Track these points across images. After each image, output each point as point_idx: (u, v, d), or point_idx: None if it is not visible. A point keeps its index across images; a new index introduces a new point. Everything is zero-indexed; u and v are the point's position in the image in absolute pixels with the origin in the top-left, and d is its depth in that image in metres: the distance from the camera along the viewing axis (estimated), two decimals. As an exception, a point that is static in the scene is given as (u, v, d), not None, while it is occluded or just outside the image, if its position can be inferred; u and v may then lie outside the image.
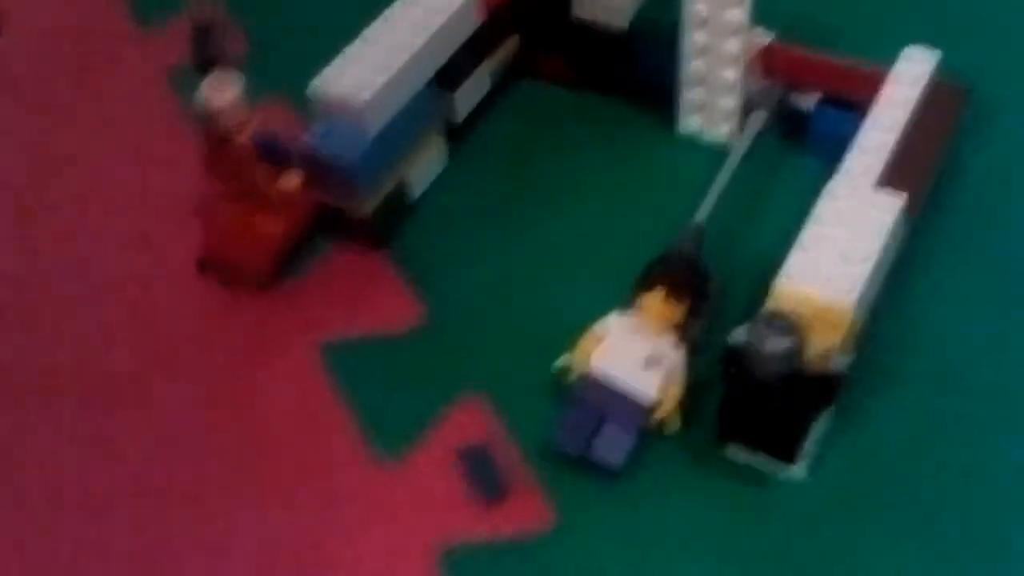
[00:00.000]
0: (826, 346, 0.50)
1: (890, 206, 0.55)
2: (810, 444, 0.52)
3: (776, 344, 0.47)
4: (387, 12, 0.66)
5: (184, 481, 0.56)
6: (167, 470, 0.57)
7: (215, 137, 0.60)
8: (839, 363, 0.50)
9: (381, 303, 0.62)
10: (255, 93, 0.61)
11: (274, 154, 0.62)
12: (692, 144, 0.69)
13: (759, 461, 0.53)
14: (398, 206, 0.66)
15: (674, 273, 0.55)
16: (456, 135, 0.70)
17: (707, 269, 0.56)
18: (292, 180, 0.61)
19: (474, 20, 0.68)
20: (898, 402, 0.55)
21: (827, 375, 0.49)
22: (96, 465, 0.57)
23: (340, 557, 0.52)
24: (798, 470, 0.53)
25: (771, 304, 0.51)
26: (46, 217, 0.70)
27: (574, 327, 0.56)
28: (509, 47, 0.73)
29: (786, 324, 0.48)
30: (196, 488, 0.56)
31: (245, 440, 0.57)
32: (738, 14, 0.63)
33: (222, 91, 0.59)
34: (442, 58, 0.66)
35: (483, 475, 0.54)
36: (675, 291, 0.54)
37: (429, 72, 0.66)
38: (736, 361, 0.49)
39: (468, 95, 0.70)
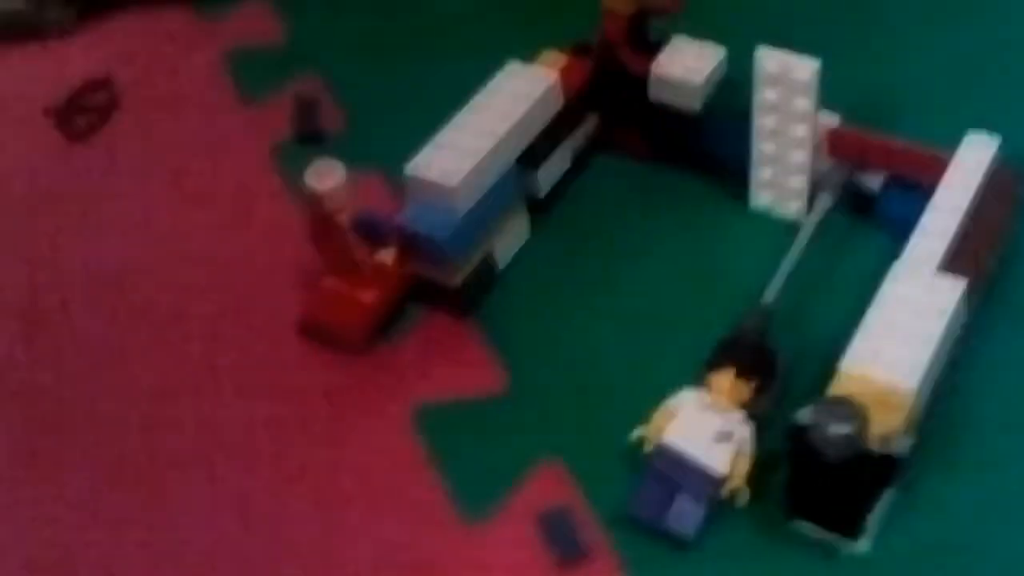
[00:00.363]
0: (888, 428, 0.53)
1: (952, 290, 0.58)
2: (874, 521, 0.55)
3: (839, 428, 0.50)
4: (475, 100, 0.71)
5: (274, 534, 0.61)
6: (260, 521, 0.61)
7: (319, 217, 0.66)
8: (901, 445, 0.53)
9: (467, 369, 0.67)
10: (352, 166, 0.66)
11: (372, 231, 0.67)
12: (763, 219, 0.73)
13: (825, 535, 0.56)
14: (485, 277, 0.70)
15: (743, 355, 0.59)
16: (539, 209, 0.74)
17: (775, 349, 0.60)
18: (388, 254, 0.66)
19: (556, 103, 0.73)
20: (961, 482, 0.58)
21: (889, 456, 0.52)
22: (187, 514, 0.62)
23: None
24: (862, 546, 0.56)
25: (835, 388, 0.54)
26: (153, 280, 0.75)
27: (649, 397, 0.60)
28: (589, 126, 0.77)
29: (849, 409, 0.51)
30: (286, 542, 0.60)
31: (336, 497, 0.62)
32: (805, 102, 0.67)
33: (326, 176, 0.65)
34: (526, 140, 0.71)
35: (563, 537, 0.58)
36: (744, 372, 0.58)
37: (514, 154, 0.71)
38: (801, 442, 0.52)
39: (550, 172, 0.75)
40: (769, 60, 0.67)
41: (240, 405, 0.67)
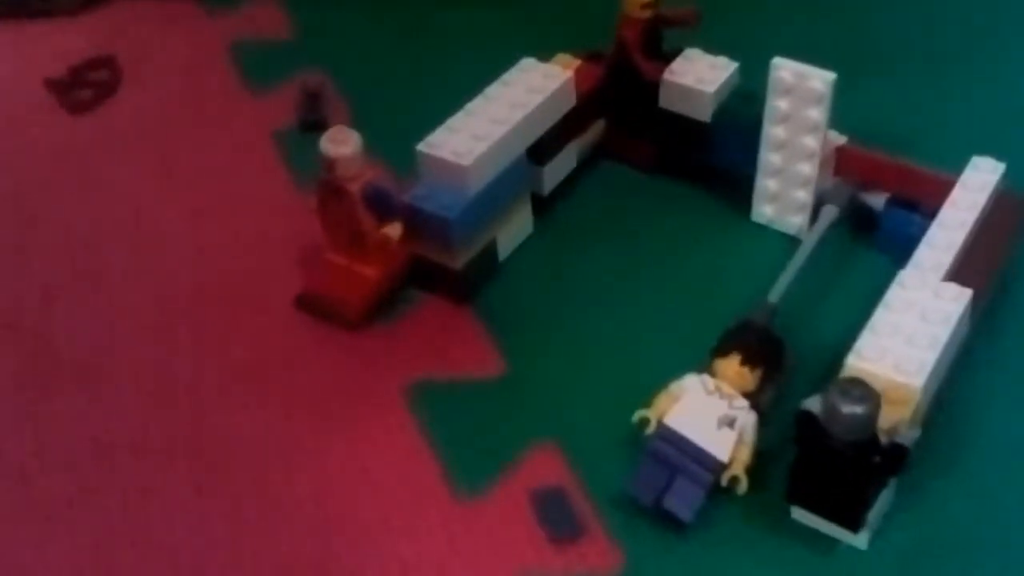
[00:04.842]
0: (895, 421, 0.53)
1: (958, 297, 0.59)
2: (873, 516, 0.55)
3: (852, 409, 0.50)
4: (489, 89, 0.72)
5: (266, 508, 0.59)
6: (253, 495, 0.60)
7: (330, 184, 0.65)
8: (907, 436, 0.52)
9: (464, 352, 0.66)
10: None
11: (380, 205, 0.66)
12: (764, 233, 0.73)
13: (824, 526, 0.55)
14: (486, 264, 0.70)
15: (750, 342, 0.58)
16: (542, 207, 0.74)
17: (781, 341, 0.60)
18: (395, 229, 0.66)
19: (569, 101, 0.73)
20: (958, 484, 0.58)
21: (895, 446, 0.52)
22: (177, 478, 0.60)
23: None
24: (860, 539, 0.55)
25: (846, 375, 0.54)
26: (147, 254, 0.74)
27: (646, 386, 0.59)
28: (596, 129, 0.78)
29: (863, 392, 0.51)
30: (279, 516, 0.58)
31: (330, 469, 0.60)
32: (817, 113, 0.68)
33: (341, 143, 0.64)
34: (537, 133, 0.71)
35: (557, 516, 0.57)
36: (750, 359, 0.58)
37: (524, 145, 0.71)
38: (810, 424, 0.52)
39: (556, 170, 0.75)
40: (783, 69, 0.68)
41: (233, 379, 0.65)
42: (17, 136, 0.84)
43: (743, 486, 0.56)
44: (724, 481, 0.56)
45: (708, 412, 0.57)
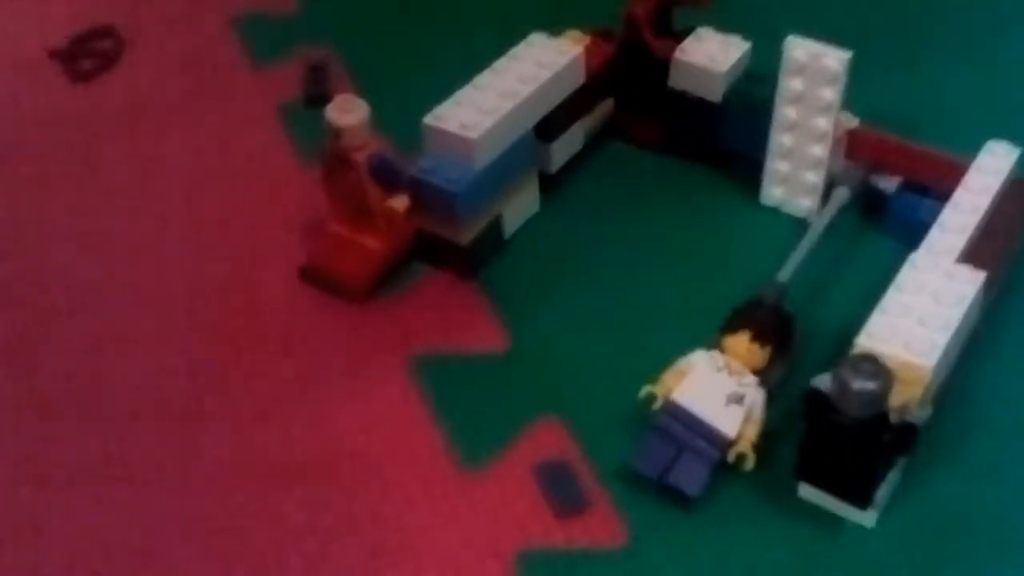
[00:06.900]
0: (905, 400, 0.52)
1: (971, 280, 0.58)
2: (881, 494, 0.54)
3: (863, 385, 0.49)
4: (497, 63, 0.71)
5: (271, 478, 0.58)
6: (257, 464, 0.59)
7: (336, 153, 0.64)
8: (918, 415, 0.52)
9: (469, 326, 0.65)
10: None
11: (386, 177, 0.65)
12: (773, 215, 0.72)
13: (831, 504, 0.55)
14: (492, 240, 0.69)
15: (760, 318, 0.58)
16: (549, 185, 0.73)
17: (792, 319, 0.59)
18: (401, 201, 0.65)
19: (578, 78, 0.72)
20: (966, 465, 0.57)
21: (906, 424, 0.51)
22: (180, 454, 0.60)
23: (421, 555, 0.54)
24: (868, 517, 0.54)
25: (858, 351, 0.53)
26: (157, 226, 0.73)
27: (650, 363, 0.59)
28: (604, 108, 0.77)
29: (874, 368, 0.50)
30: (282, 487, 0.58)
31: (333, 442, 0.60)
32: (831, 93, 0.67)
33: (348, 111, 0.63)
34: (545, 109, 0.71)
35: (561, 488, 0.56)
36: (760, 335, 0.57)
37: (532, 121, 0.70)
38: (820, 402, 0.51)
39: (564, 148, 0.74)
40: (798, 48, 0.67)
41: (235, 350, 0.65)
42: (17, 104, 0.84)
43: (750, 463, 0.56)
44: (731, 458, 0.56)
45: (716, 389, 0.56)
